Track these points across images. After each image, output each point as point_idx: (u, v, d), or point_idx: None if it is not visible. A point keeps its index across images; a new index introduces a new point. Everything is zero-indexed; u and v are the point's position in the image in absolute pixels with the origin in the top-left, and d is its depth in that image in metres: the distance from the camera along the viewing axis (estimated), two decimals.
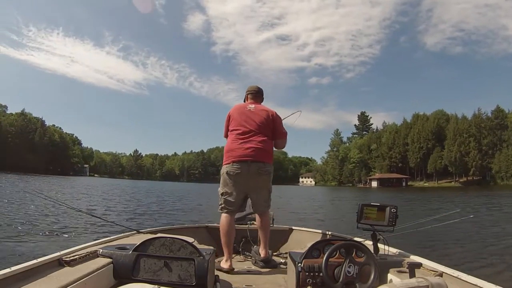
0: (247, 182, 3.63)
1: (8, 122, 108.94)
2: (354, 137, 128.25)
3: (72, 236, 8.65)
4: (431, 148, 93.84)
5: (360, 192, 55.87)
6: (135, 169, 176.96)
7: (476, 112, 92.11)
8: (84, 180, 75.40)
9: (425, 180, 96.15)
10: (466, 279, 2.07)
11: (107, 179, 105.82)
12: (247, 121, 3.75)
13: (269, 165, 3.70)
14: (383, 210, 2.75)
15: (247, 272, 3.46)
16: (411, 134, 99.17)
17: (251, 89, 4.10)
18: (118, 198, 24.07)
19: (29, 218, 11.04)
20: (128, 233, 3.42)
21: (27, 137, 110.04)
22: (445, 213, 3.49)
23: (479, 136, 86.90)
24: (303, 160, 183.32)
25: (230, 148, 3.71)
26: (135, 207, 18.10)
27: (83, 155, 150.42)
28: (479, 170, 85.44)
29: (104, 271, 2.18)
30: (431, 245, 8.31)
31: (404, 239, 4.62)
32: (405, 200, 30.01)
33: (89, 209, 15.03)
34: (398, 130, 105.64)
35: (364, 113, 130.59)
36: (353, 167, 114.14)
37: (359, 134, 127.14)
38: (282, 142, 3.97)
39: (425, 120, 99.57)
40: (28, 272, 1.85)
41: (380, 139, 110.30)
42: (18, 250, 6.81)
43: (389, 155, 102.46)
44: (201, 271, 2.22)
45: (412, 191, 61.33)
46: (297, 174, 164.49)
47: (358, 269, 2.25)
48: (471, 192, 46.71)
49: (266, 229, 3.76)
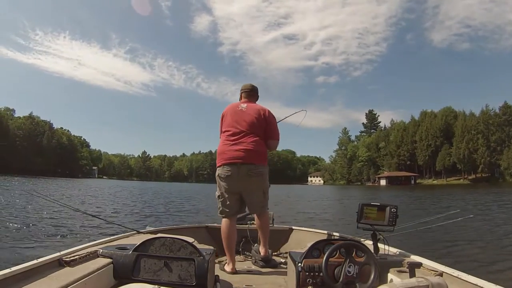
0: (238, 185, 3.56)
1: (15, 126, 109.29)
2: (362, 135, 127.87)
3: (72, 236, 8.63)
4: (439, 145, 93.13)
5: (369, 191, 55.27)
6: (143, 170, 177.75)
7: (484, 108, 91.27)
8: (93, 182, 75.46)
9: (433, 178, 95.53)
10: (466, 279, 2.06)
11: (115, 181, 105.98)
12: (238, 121, 3.66)
13: (261, 166, 3.60)
14: (383, 210, 2.74)
15: (247, 272, 3.45)
16: (419, 131, 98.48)
17: (245, 88, 3.98)
18: (125, 200, 23.98)
19: (28, 218, 11.02)
20: (128, 233, 3.42)
21: (35, 140, 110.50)
22: (445, 212, 3.42)
23: (487, 132, 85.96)
24: (312, 159, 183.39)
25: (221, 150, 3.65)
26: (142, 208, 18.08)
27: (91, 157, 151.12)
28: (488, 167, 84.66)
29: (104, 271, 2.18)
30: (431, 245, 8.24)
31: (404, 239, 4.66)
32: (414, 199, 29.68)
33: (94, 210, 15.05)
34: (406, 128, 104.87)
35: (372, 111, 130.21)
36: (361, 166, 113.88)
37: (367, 133, 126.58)
38: (273, 144, 3.82)
39: (433, 117, 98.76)
40: (28, 272, 1.85)
41: (388, 137, 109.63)
42: (18, 250, 6.80)
43: (397, 153, 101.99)
44: (201, 271, 2.22)
45: (421, 189, 60.53)
46: (306, 173, 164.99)
47: (358, 269, 2.24)
48: (481, 189, 46.04)
49: (265, 228, 3.72)
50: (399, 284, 1.68)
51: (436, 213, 3.19)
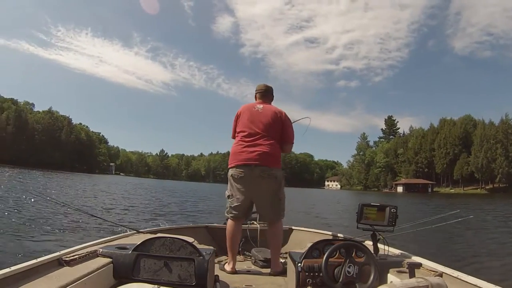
0: (251, 187, 3.48)
1: (34, 120, 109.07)
2: (380, 141, 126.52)
3: (72, 235, 8.50)
4: (457, 153, 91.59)
5: (386, 197, 54.11)
6: (161, 168, 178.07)
7: (503, 117, 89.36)
8: (109, 178, 75.42)
9: (451, 186, 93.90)
10: (466, 279, 2.05)
11: (132, 178, 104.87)
12: (254, 122, 3.58)
13: (275, 169, 3.49)
14: (383, 210, 2.72)
15: (247, 272, 3.45)
16: (437, 139, 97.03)
17: (259, 88, 3.89)
18: (140, 198, 23.80)
19: (28, 217, 10.80)
20: (128, 233, 3.39)
21: (53, 134, 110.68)
22: (445, 213, 3.47)
23: (506, 142, 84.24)
24: (329, 164, 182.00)
25: (235, 151, 3.57)
26: (156, 206, 17.91)
27: (109, 154, 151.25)
28: (506, 177, 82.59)
29: (104, 271, 2.18)
30: (431, 245, 8.25)
31: (404, 239, 4.70)
32: (432, 207, 29.36)
33: (104, 208, 14.96)
34: (425, 135, 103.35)
35: (391, 117, 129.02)
36: (379, 172, 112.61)
37: (386, 138, 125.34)
38: (288, 147, 3.73)
39: (452, 125, 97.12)
40: (28, 272, 1.84)
41: (406, 143, 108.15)
42: (18, 250, 6.71)
43: (415, 160, 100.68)
44: (201, 271, 2.22)
45: (438, 197, 59.82)
46: (323, 177, 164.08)
47: (358, 269, 2.25)
48: (498, 199, 45.33)
49: (277, 240, 3.55)
50: (399, 285, 1.67)
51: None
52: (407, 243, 6.80)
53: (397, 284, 1.66)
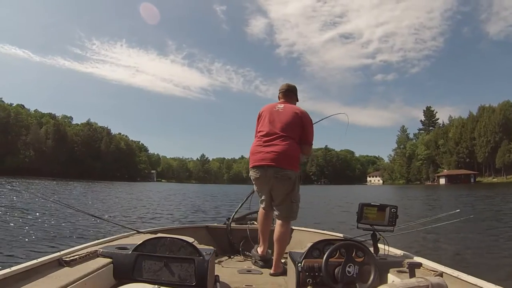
0: (267, 187, 3.45)
1: (73, 132, 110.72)
2: (420, 133, 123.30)
3: (72, 236, 8.51)
4: (498, 141, 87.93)
5: (429, 191, 50.82)
6: (202, 173, 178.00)
7: None
8: (151, 185, 74.85)
9: (493, 176, 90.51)
10: (466, 279, 1.99)
11: (174, 184, 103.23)
12: (273, 122, 3.47)
13: (290, 170, 3.34)
14: (383, 210, 2.66)
15: (247, 272, 3.40)
16: (477, 127, 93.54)
17: (281, 88, 3.76)
18: (175, 203, 23.26)
19: (29, 218, 10.94)
20: (128, 233, 3.36)
21: (93, 145, 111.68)
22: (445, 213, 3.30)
23: None
24: (371, 159, 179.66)
25: (253, 151, 3.50)
26: (194, 210, 17.70)
27: (150, 161, 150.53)
28: None
29: (104, 271, 2.17)
30: (431, 245, 8.11)
31: (404, 239, 4.50)
32: (480, 199, 26.44)
33: (141, 212, 14.92)
34: (465, 124, 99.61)
35: (430, 107, 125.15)
36: (420, 164, 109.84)
37: (426, 130, 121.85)
38: (306, 148, 3.58)
39: (491, 112, 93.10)
40: (28, 272, 1.84)
41: (446, 134, 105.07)
42: (18, 250, 6.78)
43: (456, 150, 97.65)
44: (201, 271, 2.19)
45: (482, 187, 56.64)
46: (365, 173, 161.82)
47: (358, 269, 2.23)
48: None
49: (282, 242, 3.43)
50: (399, 284, 1.59)
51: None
52: (407, 243, 6.78)
53: (397, 284, 1.61)
